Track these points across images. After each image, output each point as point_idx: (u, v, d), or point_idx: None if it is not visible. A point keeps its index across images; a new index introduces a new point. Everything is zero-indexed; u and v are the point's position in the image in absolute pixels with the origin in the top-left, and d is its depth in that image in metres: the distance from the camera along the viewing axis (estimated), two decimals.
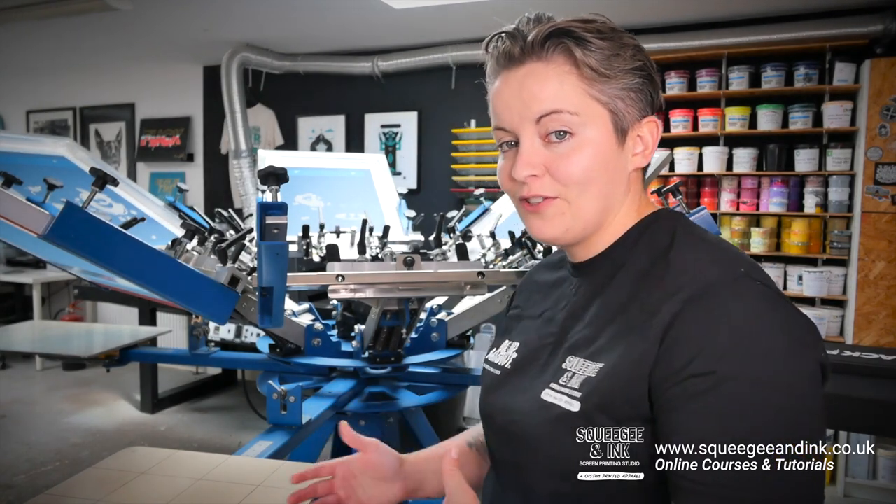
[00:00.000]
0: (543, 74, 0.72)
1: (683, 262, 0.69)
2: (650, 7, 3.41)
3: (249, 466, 1.23)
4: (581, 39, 0.71)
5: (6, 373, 5.04)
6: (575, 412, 0.68)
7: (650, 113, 0.75)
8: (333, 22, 3.81)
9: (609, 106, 0.72)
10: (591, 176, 0.72)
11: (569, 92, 0.71)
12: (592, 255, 0.78)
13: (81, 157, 2.16)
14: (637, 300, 0.69)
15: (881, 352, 1.75)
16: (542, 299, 0.86)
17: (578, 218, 0.74)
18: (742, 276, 0.66)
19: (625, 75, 0.72)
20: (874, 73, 3.12)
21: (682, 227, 0.74)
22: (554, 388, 0.72)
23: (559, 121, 0.71)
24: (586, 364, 0.70)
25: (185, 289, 1.46)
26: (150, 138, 5.22)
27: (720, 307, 0.63)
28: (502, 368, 0.83)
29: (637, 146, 0.75)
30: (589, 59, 0.71)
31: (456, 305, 2.15)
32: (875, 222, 3.15)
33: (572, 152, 0.72)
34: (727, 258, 0.69)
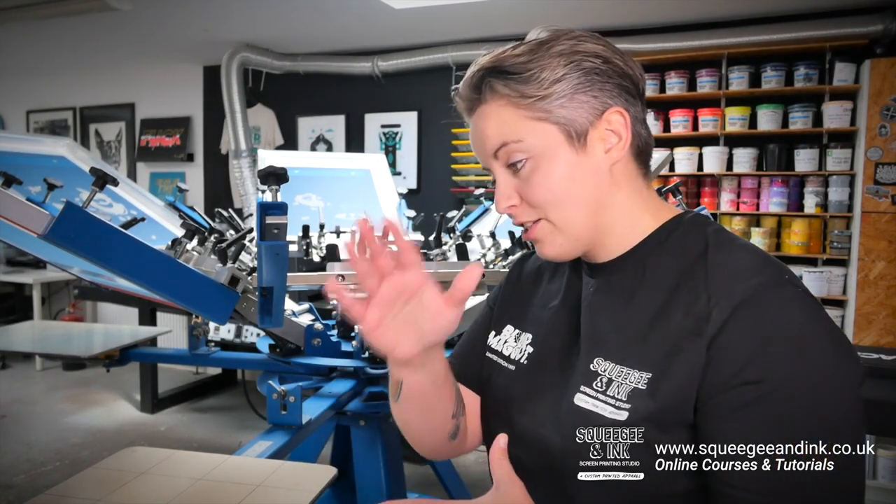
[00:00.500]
0: (486, 115, 0.75)
1: (725, 266, 0.69)
2: (650, 7, 3.41)
3: (249, 466, 1.23)
4: (502, 72, 0.73)
5: (6, 373, 5.04)
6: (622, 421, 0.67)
7: (615, 103, 0.73)
8: (333, 22, 3.81)
9: (553, 119, 0.72)
10: (559, 191, 0.73)
11: (507, 123, 0.73)
12: (612, 256, 0.77)
13: (81, 157, 2.16)
14: (680, 305, 0.68)
15: (881, 352, 1.75)
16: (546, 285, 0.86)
17: (568, 233, 0.75)
18: (787, 282, 0.67)
19: (557, 84, 0.71)
20: (874, 73, 3.12)
21: (713, 231, 0.74)
22: (588, 394, 0.70)
23: (509, 151, 0.74)
24: (626, 372, 0.69)
25: (185, 289, 1.46)
26: (150, 138, 5.22)
27: (770, 314, 0.64)
28: (517, 364, 0.82)
29: (608, 141, 0.73)
30: (514, 89, 0.72)
31: None
32: (875, 222, 3.15)
33: (532, 175, 0.73)
34: (769, 264, 0.69)
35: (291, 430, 1.53)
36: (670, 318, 0.68)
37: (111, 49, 4.58)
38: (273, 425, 1.54)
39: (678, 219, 0.77)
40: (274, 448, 1.42)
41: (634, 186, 0.76)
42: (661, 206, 0.79)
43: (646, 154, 0.77)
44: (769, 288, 0.65)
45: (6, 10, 3.54)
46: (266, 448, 1.41)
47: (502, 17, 3.57)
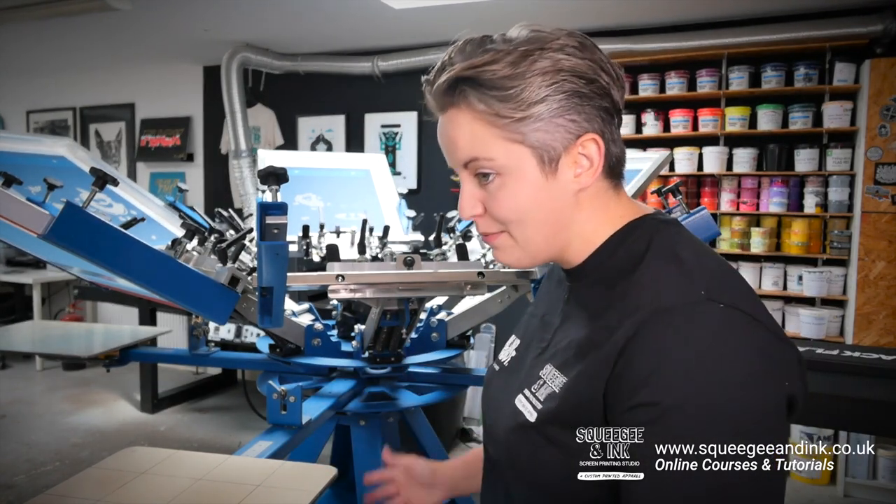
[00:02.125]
0: (457, 122, 0.71)
1: (644, 280, 0.67)
2: (651, 7, 3.41)
3: (249, 466, 1.23)
4: (481, 86, 0.68)
5: (6, 373, 5.04)
6: (531, 423, 0.70)
7: (591, 128, 0.70)
8: (333, 22, 3.82)
9: (527, 143, 0.69)
10: (522, 212, 0.72)
11: (481, 138, 0.70)
12: (574, 264, 0.77)
13: (81, 157, 2.16)
14: (604, 314, 0.69)
15: (881, 352, 1.75)
16: (546, 301, 0.86)
17: (526, 249, 0.75)
18: (702, 299, 0.63)
19: (536, 106, 0.68)
20: (874, 73, 3.12)
21: (659, 239, 0.71)
22: (525, 395, 0.73)
23: (479, 165, 0.72)
24: (556, 375, 0.71)
25: (185, 289, 1.46)
26: (150, 138, 5.22)
27: (671, 334, 0.62)
28: (501, 365, 0.86)
29: (579, 165, 0.71)
30: (491, 107, 0.68)
31: (456, 305, 2.15)
32: (875, 222, 3.15)
33: (499, 192, 0.72)
34: (691, 278, 0.66)
35: (291, 430, 1.53)
36: (593, 327, 0.69)
37: (111, 49, 4.58)
38: (273, 425, 1.54)
39: (634, 223, 0.75)
40: (274, 448, 1.41)
41: (599, 203, 0.75)
42: (625, 213, 0.75)
43: (617, 169, 0.75)
44: (677, 305, 0.63)
45: (6, 10, 3.54)
46: (266, 448, 1.41)
47: (502, 17, 3.57)
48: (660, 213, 0.78)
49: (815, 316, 3.23)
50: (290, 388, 1.55)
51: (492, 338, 4.19)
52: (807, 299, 3.36)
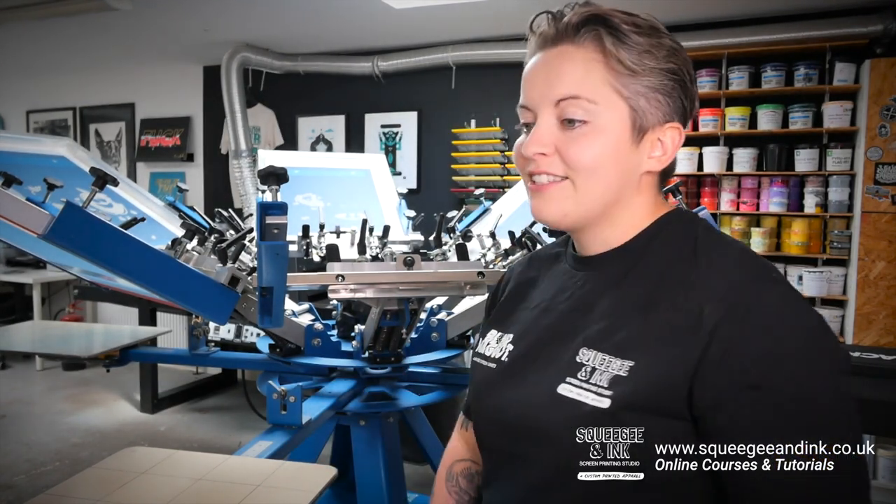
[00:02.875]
0: (572, 58, 0.72)
1: (713, 264, 0.70)
2: (650, 7, 3.39)
3: (249, 466, 1.23)
4: (615, 29, 0.71)
5: (6, 373, 5.04)
6: (604, 409, 0.67)
7: (676, 119, 0.74)
8: (333, 22, 3.81)
9: (630, 101, 0.71)
10: (600, 164, 0.72)
11: (593, 79, 0.71)
12: (604, 249, 0.78)
13: (81, 157, 2.16)
14: (666, 299, 0.69)
15: (881, 352, 1.75)
16: (536, 290, 0.85)
17: (580, 203, 0.74)
18: (776, 279, 0.68)
19: (653, 74, 0.71)
20: (874, 73, 3.12)
21: (703, 228, 0.75)
22: (573, 383, 0.70)
23: (577, 106, 0.71)
24: (609, 360, 0.69)
25: (185, 289, 1.46)
26: (150, 138, 5.22)
27: (767, 314, 0.64)
28: (498, 361, 0.82)
29: (655, 149, 0.74)
30: (619, 51, 0.71)
31: (456, 305, 2.15)
32: (875, 222, 3.15)
33: (584, 138, 0.72)
34: (755, 262, 0.70)
35: (291, 430, 1.53)
36: (656, 310, 0.69)
37: (111, 49, 4.58)
38: (273, 425, 1.54)
39: (669, 215, 0.78)
40: (274, 448, 1.42)
41: (651, 196, 0.78)
42: (661, 210, 0.79)
43: (669, 175, 0.79)
44: (760, 286, 0.66)
45: (6, 10, 3.54)
46: (266, 448, 1.41)
47: (502, 17, 3.57)
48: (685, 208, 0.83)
49: None
50: (290, 388, 1.56)
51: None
52: (807, 299, 3.36)
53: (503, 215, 2.21)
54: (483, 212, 2.33)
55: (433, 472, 2.24)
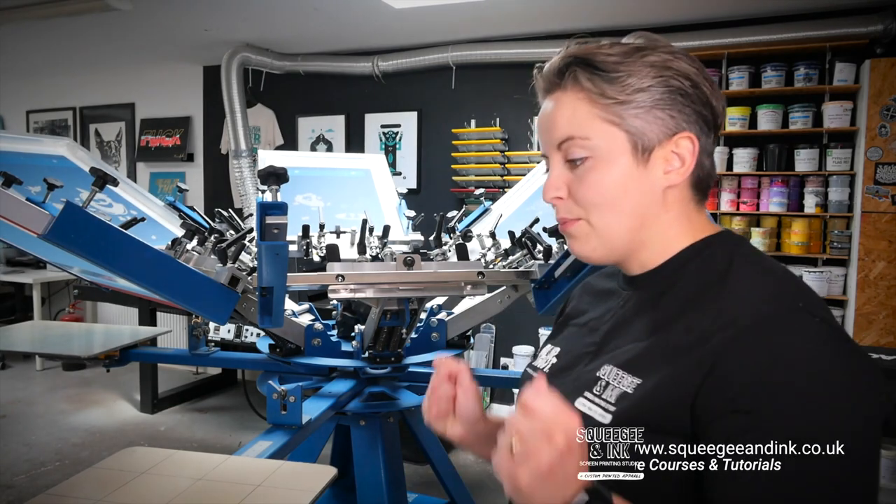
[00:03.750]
0: (561, 102, 0.75)
1: (739, 290, 0.68)
2: (651, 7, 3.41)
3: (249, 466, 1.23)
4: (590, 66, 0.72)
5: (6, 373, 5.04)
6: (605, 423, 0.68)
7: (689, 128, 0.73)
8: (333, 22, 3.81)
9: (624, 127, 0.72)
10: (609, 198, 0.73)
11: (581, 118, 0.73)
12: (643, 270, 0.78)
13: (81, 157, 2.16)
14: (684, 321, 0.69)
15: (881, 352, 1.75)
16: (591, 309, 0.86)
17: (604, 238, 0.75)
18: (801, 310, 0.64)
19: (640, 94, 0.71)
20: (874, 73, 3.12)
21: (741, 253, 0.73)
22: (587, 398, 0.72)
23: (573, 145, 0.73)
24: (621, 375, 0.70)
25: (185, 289, 1.46)
26: (150, 138, 5.22)
27: (775, 342, 0.62)
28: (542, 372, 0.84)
29: (671, 163, 0.73)
30: (597, 86, 0.72)
31: (456, 305, 2.15)
32: (875, 222, 3.15)
33: (588, 175, 0.73)
34: (787, 290, 0.68)
35: (291, 430, 1.53)
36: (673, 330, 0.69)
37: (111, 49, 4.58)
38: (273, 425, 1.54)
39: (711, 238, 0.77)
40: (274, 448, 1.42)
41: (683, 210, 0.76)
42: (703, 228, 0.77)
43: (705, 184, 0.77)
44: (779, 314, 0.64)
45: (6, 10, 3.54)
46: (266, 448, 1.41)
47: (502, 17, 3.57)
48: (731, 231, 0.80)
49: None
50: (290, 388, 1.56)
51: (492, 338, 4.19)
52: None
53: (503, 215, 2.21)
54: (483, 212, 2.33)
55: (433, 472, 2.25)
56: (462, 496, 2.19)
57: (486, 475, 3.24)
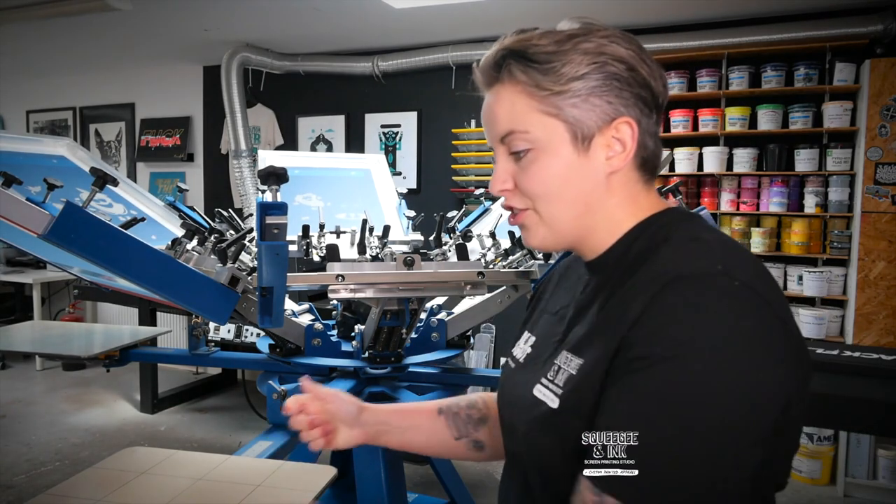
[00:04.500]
0: (500, 96, 0.75)
1: (663, 259, 0.68)
2: (650, 7, 3.41)
3: (249, 466, 1.23)
4: (524, 58, 0.72)
5: (6, 373, 5.04)
6: (554, 409, 0.70)
7: (627, 112, 0.72)
8: (333, 22, 3.81)
9: (562, 118, 0.72)
10: (552, 188, 0.74)
11: (519, 111, 0.73)
12: (596, 255, 0.78)
13: (81, 157, 2.16)
14: (617, 295, 0.69)
15: (881, 352, 1.75)
16: (562, 295, 0.87)
17: (552, 228, 0.76)
18: (719, 272, 0.63)
19: (576, 82, 0.70)
20: (874, 73, 3.12)
21: (681, 226, 0.73)
22: (543, 383, 0.73)
23: (514, 139, 0.74)
24: (570, 359, 0.71)
25: (185, 289, 1.46)
26: (150, 138, 5.22)
27: (683, 298, 0.62)
28: (517, 361, 0.86)
29: (612, 149, 0.73)
30: (532, 78, 0.72)
31: (456, 305, 2.15)
32: (875, 222, 3.15)
33: (530, 166, 0.74)
34: (710, 254, 0.66)
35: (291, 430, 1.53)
36: (608, 308, 0.70)
37: (111, 49, 4.58)
38: (273, 425, 1.54)
39: (656, 216, 0.76)
40: (274, 448, 1.42)
41: (629, 193, 0.76)
42: (651, 206, 0.77)
43: (651, 164, 0.77)
44: (693, 275, 0.63)
45: (6, 10, 3.54)
46: (266, 448, 1.41)
47: (502, 17, 3.57)
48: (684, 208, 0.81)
49: (815, 316, 3.23)
50: (290, 388, 1.56)
51: (492, 338, 4.19)
52: (807, 299, 3.36)
53: (503, 215, 2.21)
54: (483, 212, 2.33)
55: (433, 472, 2.25)
56: (462, 496, 2.19)
57: (486, 475, 3.24)
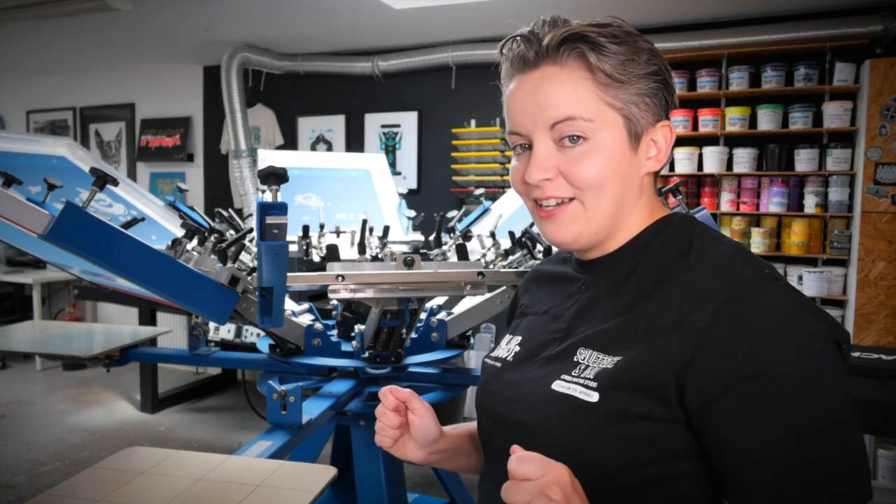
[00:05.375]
0: (558, 79, 0.72)
1: (707, 263, 0.70)
2: (650, 7, 3.41)
3: (249, 466, 1.23)
4: (596, 44, 0.71)
5: (6, 373, 5.04)
6: (594, 402, 0.69)
7: (664, 117, 0.75)
8: (333, 22, 3.81)
9: (623, 111, 0.72)
10: (605, 180, 0.73)
11: (583, 98, 0.71)
12: (602, 254, 0.79)
13: (81, 157, 2.16)
14: (657, 298, 0.70)
15: (881, 352, 1.75)
16: (548, 297, 0.87)
17: (592, 221, 0.75)
18: (768, 276, 0.67)
19: (639, 80, 0.72)
20: (874, 73, 3.12)
21: (698, 230, 0.76)
22: (566, 379, 0.72)
23: (574, 126, 0.71)
24: (601, 357, 0.71)
25: (185, 289, 1.46)
26: (150, 138, 5.22)
27: (757, 309, 0.64)
28: (503, 361, 0.84)
29: (650, 150, 0.75)
30: (604, 65, 0.71)
31: (456, 305, 2.15)
32: (875, 222, 3.15)
33: (585, 156, 0.72)
34: (750, 259, 0.70)
35: (291, 430, 1.53)
36: (648, 309, 0.70)
37: (111, 49, 4.58)
38: (273, 425, 1.54)
39: (667, 219, 0.78)
40: (274, 448, 1.41)
41: (650, 195, 0.79)
42: (658, 210, 0.80)
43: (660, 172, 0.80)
44: (752, 283, 0.66)
45: (6, 10, 3.54)
46: (266, 448, 1.41)
47: (502, 17, 3.56)
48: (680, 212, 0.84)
49: None
50: (290, 388, 1.55)
51: (492, 338, 4.19)
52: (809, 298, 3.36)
53: (503, 215, 2.21)
54: (483, 212, 2.33)
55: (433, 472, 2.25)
56: (462, 496, 2.19)
57: None
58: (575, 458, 0.69)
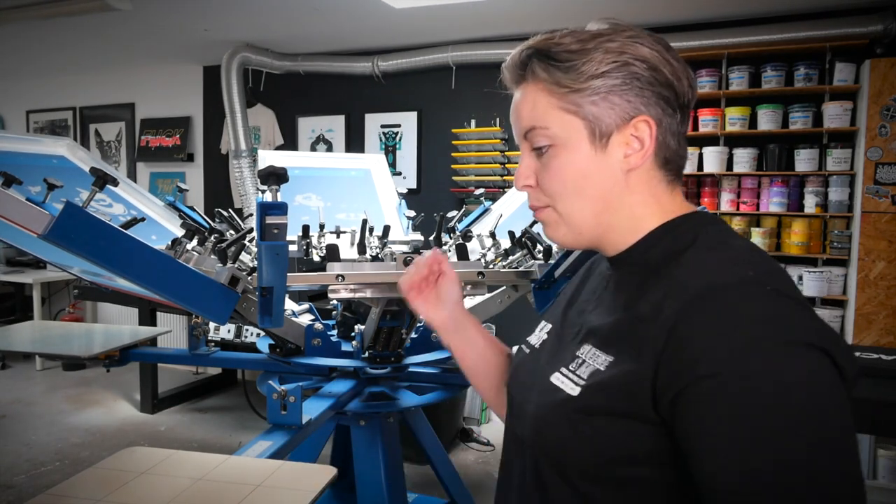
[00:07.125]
0: (524, 94, 0.78)
1: (692, 263, 0.70)
2: (650, 7, 3.41)
3: (249, 466, 1.23)
4: (546, 57, 0.74)
5: (6, 373, 5.04)
6: (574, 397, 0.71)
7: (647, 111, 0.73)
8: (333, 22, 3.82)
9: (581, 115, 0.73)
10: (570, 185, 0.75)
11: (539, 109, 0.75)
12: (617, 252, 0.80)
13: (81, 157, 2.16)
14: (647, 297, 0.70)
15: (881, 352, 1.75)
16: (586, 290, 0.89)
17: (571, 225, 0.78)
18: (750, 279, 0.65)
19: (595, 80, 0.72)
20: (874, 73, 3.12)
21: (707, 230, 0.74)
22: (563, 373, 0.75)
23: (536, 135, 0.76)
24: (597, 354, 0.72)
25: (185, 289, 1.46)
26: (150, 138, 5.22)
27: (724, 310, 0.63)
28: (532, 347, 0.88)
29: (630, 147, 0.74)
30: (552, 76, 0.74)
31: None
32: (875, 222, 3.15)
33: (551, 163, 0.76)
34: (740, 262, 0.68)
35: (291, 430, 1.53)
36: (637, 307, 0.71)
37: (111, 49, 4.58)
38: (273, 425, 1.54)
39: (682, 218, 0.77)
40: (274, 448, 1.41)
41: (651, 192, 0.77)
42: (676, 208, 0.78)
43: (674, 164, 0.77)
44: (728, 283, 0.64)
45: (6, 10, 3.54)
46: (266, 448, 1.41)
47: (502, 17, 3.57)
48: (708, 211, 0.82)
49: None
50: (290, 388, 1.56)
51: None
52: (807, 299, 3.36)
53: (503, 215, 2.21)
54: (483, 212, 2.33)
55: (433, 472, 2.25)
56: (462, 496, 2.19)
57: (485, 475, 3.24)
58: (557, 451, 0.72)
